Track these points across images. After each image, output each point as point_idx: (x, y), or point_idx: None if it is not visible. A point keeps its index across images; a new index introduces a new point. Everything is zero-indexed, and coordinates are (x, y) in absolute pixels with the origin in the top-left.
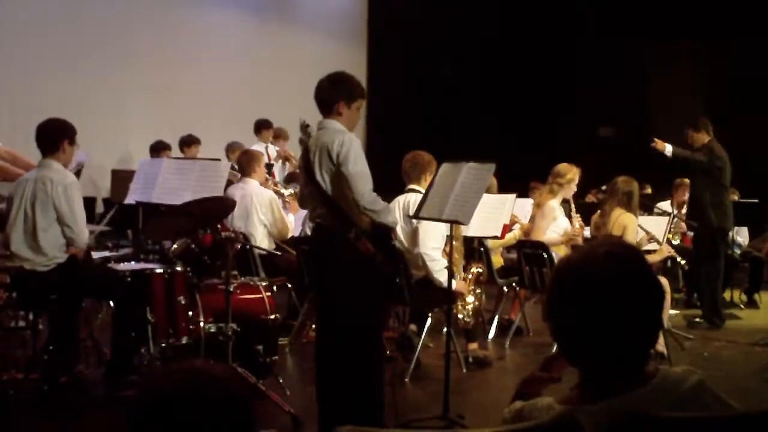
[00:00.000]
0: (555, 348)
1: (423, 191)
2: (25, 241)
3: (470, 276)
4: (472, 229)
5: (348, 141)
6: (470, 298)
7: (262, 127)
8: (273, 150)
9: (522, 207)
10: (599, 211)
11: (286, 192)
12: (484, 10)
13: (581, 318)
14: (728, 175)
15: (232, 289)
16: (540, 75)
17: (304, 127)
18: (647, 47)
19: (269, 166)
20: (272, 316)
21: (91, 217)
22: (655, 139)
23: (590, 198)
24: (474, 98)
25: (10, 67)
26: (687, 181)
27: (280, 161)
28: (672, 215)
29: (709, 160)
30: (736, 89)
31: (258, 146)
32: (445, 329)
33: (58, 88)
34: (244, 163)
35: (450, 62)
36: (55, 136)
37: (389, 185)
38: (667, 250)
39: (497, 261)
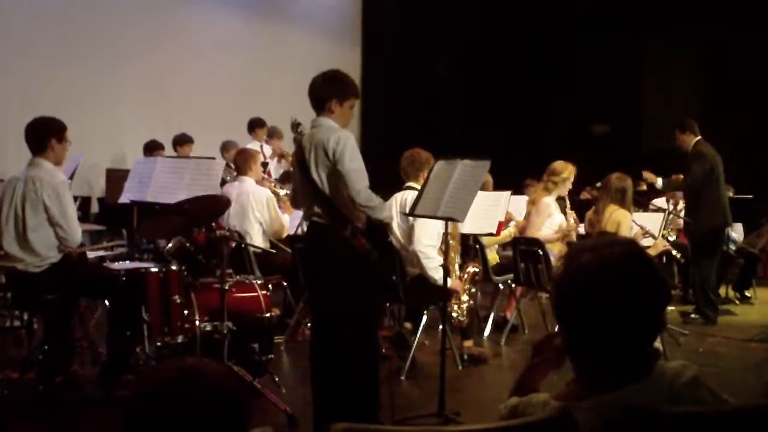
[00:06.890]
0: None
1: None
2: (16, 241)
3: (466, 275)
4: (467, 227)
5: (344, 138)
6: (465, 297)
7: (255, 125)
8: (268, 149)
9: (516, 204)
10: (593, 208)
11: (282, 192)
12: (479, 7)
13: (594, 316)
14: (721, 170)
15: (227, 288)
16: (535, 72)
17: (295, 126)
18: (642, 44)
19: (265, 165)
20: (268, 314)
21: (86, 217)
22: (645, 173)
23: (585, 195)
24: (469, 95)
25: (1, 68)
26: (681, 177)
27: (275, 159)
28: (667, 212)
29: (709, 164)
30: (731, 86)
31: (252, 145)
32: (440, 327)
33: (51, 88)
34: (240, 161)
35: (444, 59)
36: (41, 135)
37: (383, 182)
38: (662, 245)
39: (492, 258)
